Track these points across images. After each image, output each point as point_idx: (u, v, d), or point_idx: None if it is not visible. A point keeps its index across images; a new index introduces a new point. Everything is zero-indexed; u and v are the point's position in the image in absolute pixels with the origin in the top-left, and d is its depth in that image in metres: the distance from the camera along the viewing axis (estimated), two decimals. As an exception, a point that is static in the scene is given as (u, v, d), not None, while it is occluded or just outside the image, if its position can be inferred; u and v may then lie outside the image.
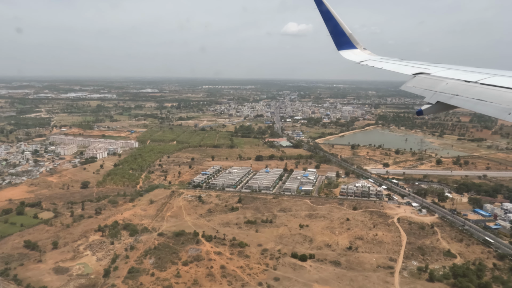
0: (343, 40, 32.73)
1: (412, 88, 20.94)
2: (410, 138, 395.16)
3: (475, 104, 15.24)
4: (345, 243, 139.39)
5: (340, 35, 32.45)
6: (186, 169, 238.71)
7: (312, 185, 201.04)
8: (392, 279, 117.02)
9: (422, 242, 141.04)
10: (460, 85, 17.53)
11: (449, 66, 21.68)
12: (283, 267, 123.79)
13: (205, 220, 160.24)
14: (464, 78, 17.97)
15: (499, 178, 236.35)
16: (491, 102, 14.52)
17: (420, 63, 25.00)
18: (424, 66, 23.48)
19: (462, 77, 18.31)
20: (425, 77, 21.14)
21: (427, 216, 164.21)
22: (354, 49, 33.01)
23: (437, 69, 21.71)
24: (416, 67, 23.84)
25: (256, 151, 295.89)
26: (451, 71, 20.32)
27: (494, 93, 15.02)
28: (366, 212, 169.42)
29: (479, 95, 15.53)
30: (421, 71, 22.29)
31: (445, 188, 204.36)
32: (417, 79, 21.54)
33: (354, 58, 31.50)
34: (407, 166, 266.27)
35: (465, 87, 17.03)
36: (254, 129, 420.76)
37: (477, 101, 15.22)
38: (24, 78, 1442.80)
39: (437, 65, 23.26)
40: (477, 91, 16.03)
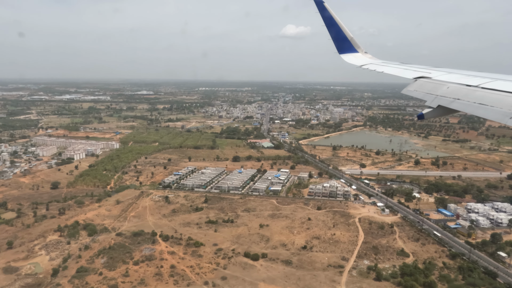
0: (344, 44, 33.00)
1: (413, 92, 21.05)
2: (395, 139, 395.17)
3: (476, 108, 15.21)
4: (301, 243, 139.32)
5: (342, 39, 32.71)
6: (161, 170, 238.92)
7: (282, 186, 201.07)
8: (340, 278, 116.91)
9: (379, 241, 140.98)
10: (462, 89, 17.54)
11: (451, 70, 21.72)
12: (234, 266, 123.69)
13: (167, 220, 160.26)
14: (465, 82, 18.01)
15: (474, 179, 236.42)
16: (493, 107, 14.47)
17: (421, 67, 25.20)
18: (425, 70, 23.57)
19: (463, 81, 18.35)
20: (426, 81, 21.25)
21: (390, 216, 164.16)
22: (356, 53, 33.32)
23: (438, 73, 21.75)
24: (418, 71, 23.90)
25: (236, 152, 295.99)
26: (452, 75, 20.35)
27: (495, 98, 14.99)
28: (329, 212, 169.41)
29: (480, 99, 15.51)
30: (423, 75, 22.40)
31: (415, 188, 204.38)
32: (419, 83, 21.61)
33: (356, 61, 31.84)
34: (385, 166, 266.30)
35: (467, 91, 17.03)
36: (240, 131, 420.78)
37: (479, 105, 15.22)
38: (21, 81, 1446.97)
39: (438, 69, 23.36)
40: (478, 95, 15.99)
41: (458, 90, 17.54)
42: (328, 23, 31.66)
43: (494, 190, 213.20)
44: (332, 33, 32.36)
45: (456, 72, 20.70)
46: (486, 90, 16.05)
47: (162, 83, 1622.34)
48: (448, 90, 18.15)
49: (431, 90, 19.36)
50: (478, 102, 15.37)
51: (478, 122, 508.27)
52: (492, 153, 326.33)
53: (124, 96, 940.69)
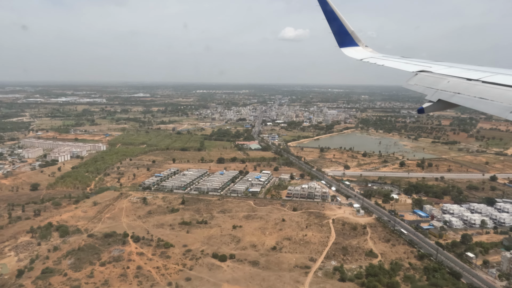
0: (345, 37, 32.68)
1: (413, 86, 20.80)
2: (384, 141, 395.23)
3: (476, 102, 15.05)
4: (271, 244, 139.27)
5: (343, 33, 32.38)
6: (144, 172, 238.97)
7: (262, 187, 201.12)
8: (304, 278, 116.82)
9: (349, 242, 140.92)
10: (462, 83, 17.43)
11: (451, 64, 21.54)
12: (200, 267, 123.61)
13: (141, 222, 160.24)
14: (466, 76, 17.89)
15: (456, 180, 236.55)
16: (493, 101, 14.36)
17: (422, 61, 25.02)
18: (426, 64, 23.40)
19: (464, 75, 18.23)
20: (427, 75, 21.08)
21: (365, 217, 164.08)
22: (356, 47, 33.04)
23: (439, 67, 21.63)
24: (418, 64, 23.74)
25: (221, 154, 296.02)
26: (453, 69, 20.21)
27: (496, 92, 14.89)
28: (305, 213, 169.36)
29: (480, 93, 15.38)
30: (423, 68, 22.26)
31: (395, 190, 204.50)
32: (419, 76, 21.44)
33: (356, 55, 31.58)
34: (369, 168, 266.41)
35: (467, 85, 16.91)
36: (231, 133, 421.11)
37: (479, 99, 15.07)
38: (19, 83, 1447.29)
39: (439, 63, 23.15)
40: (478, 89, 15.85)
41: (459, 84, 17.46)
42: (329, 16, 31.45)
43: (475, 191, 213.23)
44: (333, 26, 32.16)
45: (457, 66, 20.66)
46: (487, 84, 15.96)
47: (160, 85, 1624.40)
48: (449, 84, 18.08)
49: (431, 84, 19.27)
50: (479, 96, 15.26)
51: (469, 124, 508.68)
52: (479, 155, 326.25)
53: (120, 99, 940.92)
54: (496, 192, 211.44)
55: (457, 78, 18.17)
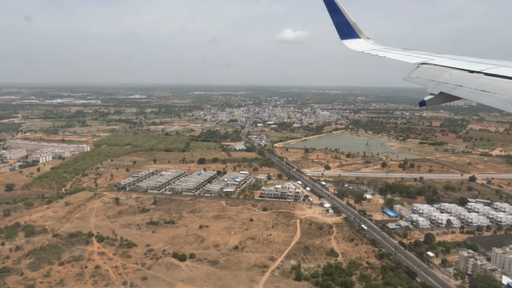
0: (346, 29, 32.17)
1: (415, 78, 20.46)
2: (372, 142, 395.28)
3: (478, 95, 14.86)
4: (234, 243, 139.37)
5: (344, 25, 31.87)
6: (123, 172, 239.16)
7: (236, 187, 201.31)
8: (260, 278, 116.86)
9: (312, 242, 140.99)
10: (464, 75, 17.18)
11: (454, 57, 21.23)
12: (159, 267, 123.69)
13: (109, 222, 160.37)
14: (468, 68, 17.63)
15: (435, 180, 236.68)
16: (495, 93, 14.16)
17: (424, 53, 24.64)
18: (428, 56, 23.07)
19: (466, 67, 17.94)
20: (428, 67, 20.76)
21: (333, 216, 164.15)
22: (358, 39, 32.55)
23: (441, 59, 21.27)
24: (420, 57, 23.42)
25: (206, 154, 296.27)
26: (455, 61, 19.87)
27: (498, 84, 14.73)
28: (274, 213, 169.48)
29: (482, 86, 15.17)
30: (425, 61, 21.93)
31: (369, 190, 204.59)
32: (421, 69, 21.09)
33: (358, 47, 31.15)
34: (350, 168, 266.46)
35: (469, 77, 16.67)
36: (219, 134, 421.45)
37: (481, 92, 14.87)
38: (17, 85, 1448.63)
39: (441, 55, 22.94)
40: (480, 82, 15.64)
41: (461, 77, 17.20)
42: (331, 8, 31.03)
43: (451, 191, 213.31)
44: (334, 18, 31.65)
45: (459, 59, 20.37)
46: (489, 76, 15.78)
47: (158, 87, 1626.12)
48: (451, 76, 17.83)
49: (433, 77, 18.98)
50: (480, 89, 15.03)
51: (460, 126, 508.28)
52: (463, 156, 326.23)
53: (115, 100, 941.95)
54: (472, 192, 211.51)
55: (459, 70, 18.01)
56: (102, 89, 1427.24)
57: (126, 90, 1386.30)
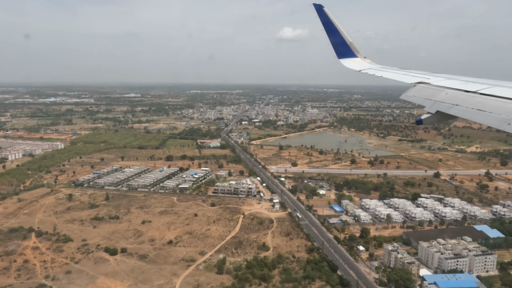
0: (343, 48, 32.75)
1: (412, 97, 20.83)
2: (351, 139, 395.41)
3: (474, 114, 15.03)
4: (170, 238, 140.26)
5: (341, 44, 32.49)
6: (87, 169, 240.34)
7: (193, 183, 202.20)
8: (183, 271, 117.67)
9: (248, 236, 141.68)
10: (460, 95, 17.34)
11: (449, 76, 21.57)
12: (88, 261, 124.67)
13: (55, 217, 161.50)
14: (464, 88, 17.81)
15: (399, 176, 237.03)
16: (491, 113, 14.32)
17: (420, 73, 25.01)
18: (424, 76, 23.32)
19: (462, 87, 18.15)
20: (425, 87, 21.02)
21: (279, 212, 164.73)
22: (355, 58, 33.12)
23: (437, 79, 21.56)
24: (416, 76, 23.72)
25: (179, 151, 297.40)
26: (451, 81, 20.15)
27: (493, 104, 14.86)
28: (221, 208, 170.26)
29: (478, 105, 15.33)
30: (421, 80, 22.18)
31: (326, 186, 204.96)
32: (417, 88, 21.41)
33: (355, 66, 31.71)
34: (318, 165, 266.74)
35: (465, 97, 16.84)
36: (201, 131, 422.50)
37: (477, 111, 15.03)
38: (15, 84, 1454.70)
39: (437, 74, 23.23)
40: (476, 101, 15.81)
41: (457, 96, 17.34)
42: (328, 28, 31.41)
43: (410, 187, 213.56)
44: (331, 38, 32.12)
45: (455, 78, 20.62)
46: (485, 96, 15.93)
47: (156, 86, 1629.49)
48: (447, 95, 17.96)
49: (429, 96, 19.23)
50: (477, 108, 15.18)
51: (444, 123, 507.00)
52: (438, 152, 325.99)
53: (109, 99, 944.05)
54: (431, 188, 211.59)
55: (455, 90, 18.17)
56: (100, 88, 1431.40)
57: (123, 89, 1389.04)
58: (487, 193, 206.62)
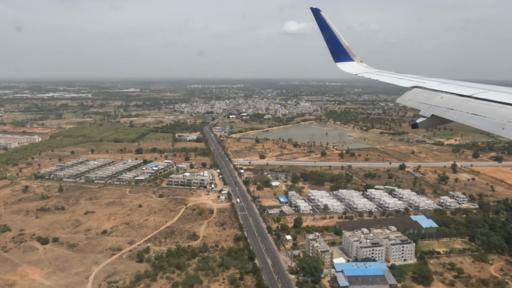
0: (340, 52, 33.08)
1: (407, 101, 21.00)
2: (333, 133, 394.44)
3: (469, 118, 15.16)
4: (107, 228, 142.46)
5: (337, 48, 32.82)
6: (55, 162, 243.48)
7: (150, 175, 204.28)
8: (106, 260, 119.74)
9: (183, 226, 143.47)
10: (455, 99, 17.47)
11: (444, 80, 21.76)
12: (17, 250, 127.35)
13: (3, 208, 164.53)
14: (459, 92, 17.96)
15: (364, 168, 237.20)
16: (485, 117, 14.46)
17: (416, 77, 25.25)
18: (419, 80, 23.56)
19: (457, 91, 18.30)
20: (420, 91, 21.10)
21: (223, 202, 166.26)
22: (351, 62, 33.46)
23: (432, 83, 21.63)
24: (412, 80, 24.03)
25: (153, 144, 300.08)
26: (446, 85, 20.27)
27: (488, 108, 14.97)
28: (168, 199, 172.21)
29: (473, 109, 15.47)
30: (417, 84, 22.33)
31: (283, 177, 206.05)
32: (413, 92, 21.57)
33: (351, 70, 32.12)
34: (287, 157, 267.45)
35: (460, 101, 16.98)
36: (186, 125, 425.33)
37: (472, 115, 15.16)
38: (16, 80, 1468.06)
39: (432, 79, 23.37)
40: (471, 105, 15.94)
41: (452, 100, 17.46)
42: (325, 31, 31.76)
43: (370, 179, 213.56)
44: (328, 41, 32.44)
45: (450, 83, 20.84)
46: (479, 100, 16.03)
47: (158, 81, 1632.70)
48: (442, 100, 18.11)
49: (425, 100, 19.35)
50: (471, 112, 15.32)
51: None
52: (415, 145, 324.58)
53: (108, 94, 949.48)
54: (390, 180, 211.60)
55: (450, 94, 18.28)
56: (102, 83, 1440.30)
57: (125, 84, 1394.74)
58: (445, 185, 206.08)
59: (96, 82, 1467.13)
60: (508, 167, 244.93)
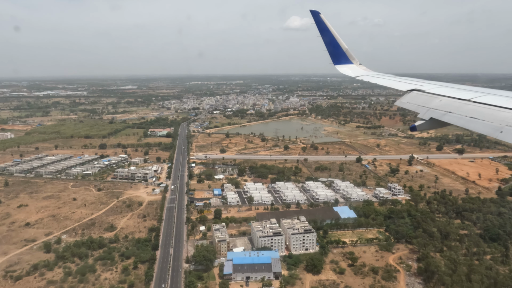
0: (339, 55, 33.21)
1: (406, 104, 21.00)
2: (309, 127, 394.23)
3: (467, 121, 15.30)
4: (31, 220, 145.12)
5: (337, 51, 32.95)
6: (16, 157, 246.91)
7: (99, 170, 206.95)
8: (15, 251, 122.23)
9: (106, 218, 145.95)
10: (454, 102, 17.58)
11: (443, 84, 21.82)
12: None
13: None
14: (457, 96, 18.10)
15: (320, 161, 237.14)
16: (484, 120, 14.58)
17: (414, 80, 25.36)
18: (418, 83, 23.67)
19: (455, 94, 18.42)
20: (419, 94, 21.20)
21: (157, 195, 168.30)
22: (350, 64, 33.55)
23: (431, 86, 21.79)
24: (411, 83, 24.06)
25: (121, 140, 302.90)
26: (444, 88, 20.43)
27: (486, 112, 15.10)
28: (105, 193, 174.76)
29: (471, 113, 15.59)
30: (416, 87, 22.37)
31: (229, 170, 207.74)
32: (412, 95, 21.66)
33: (350, 73, 32.17)
34: (249, 152, 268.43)
35: (458, 104, 17.06)
36: (166, 121, 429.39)
37: (470, 119, 15.29)
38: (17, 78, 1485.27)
39: (431, 82, 23.51)
40: (469, 109, 16.07)
41: (450, 104, 17.58)
42: (324, 34, 31.86)
43: (320, 172, 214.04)
44: (327, 44, 32.52)
45: (449, 86, 20.98)
46: (477, 104, 16.19)
47: (160, 78, 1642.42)
48: (441, 103, 18.23)
49: (423, 103, 19.43)
50: (470, 116, 15.45)
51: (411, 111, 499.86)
52: (384, 138, 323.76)
53: (104, 91, 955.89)
54: (339, 172, 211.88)
55: (449, 98, 18.38)
56: (102, 80, 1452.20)
57: (125, 81, 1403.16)
58: (393, 177, 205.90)
59: (97, 80, 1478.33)
60: (466, 159, 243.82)
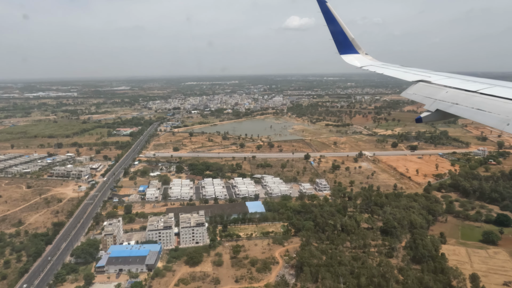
0: (345, 44, 32.69)
1: (412, 95, 20.73)
2: (278, 125, 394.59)
3: (474, 113, 15.09)
4: None
5: (343, 40, 32.40)
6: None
7: (40, 168, 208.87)
8: None
9: (20, 214, 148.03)
10: (460, 94, 17.28)
11: (450, 75, 21.58)
12: None
13: None
14: (464, 87, 17.71)
15: (269, 159, 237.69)
16: (490, 112, 14.39)
17: (421, 71, 25.05)
18: (425, 74, 23.43)
19: (462, 86, 18.03)
20: (425, 85, 20.93)
21: (81, 192, 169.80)
22: (356, 54, 33.10)
23: (438, 77, 21.52)
24: (417, 74, 23.76)
25: (82, 139, 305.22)
26: (451, 79, 20.14)
27: (493, 103, 14.85)
28: (33, 190, 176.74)
29: (478, 104, 15.33)
30: (422, 78, 22.14)
31: (168, 167, 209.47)
32: (418, 86, 21.43)
33: (356, 63, 31.83)
34: (201, 149, 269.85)
35: (465, 96, 16.77)
36: (141, 120, 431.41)
37: (477, 110, 15.06)
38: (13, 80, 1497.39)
39: (438, 73, 23.22)
40: (476, 100, 15.77)
41: (457, 95, 17.30)
42: (330, 23, 31.40)
43: (261, 168, 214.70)
44: (333, 33, 32.04)
45: (456, 77, 20.72)
46: (485, 96, 15.87)
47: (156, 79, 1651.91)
48: (447, 94, 17.97)
49: (430, 94, 19.18)
50: (476, 108, 15.21)
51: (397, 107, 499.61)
52: (346, 136, 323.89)
53: (95, 92, 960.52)
54: (282, 169, 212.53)
55: (456, 89, 18.03)
56: (98, 82, 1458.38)
57: (120, 82, 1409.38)
58: (332, 173, 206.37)
59: (94, 81, 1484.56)
60: (415, 156, 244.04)
